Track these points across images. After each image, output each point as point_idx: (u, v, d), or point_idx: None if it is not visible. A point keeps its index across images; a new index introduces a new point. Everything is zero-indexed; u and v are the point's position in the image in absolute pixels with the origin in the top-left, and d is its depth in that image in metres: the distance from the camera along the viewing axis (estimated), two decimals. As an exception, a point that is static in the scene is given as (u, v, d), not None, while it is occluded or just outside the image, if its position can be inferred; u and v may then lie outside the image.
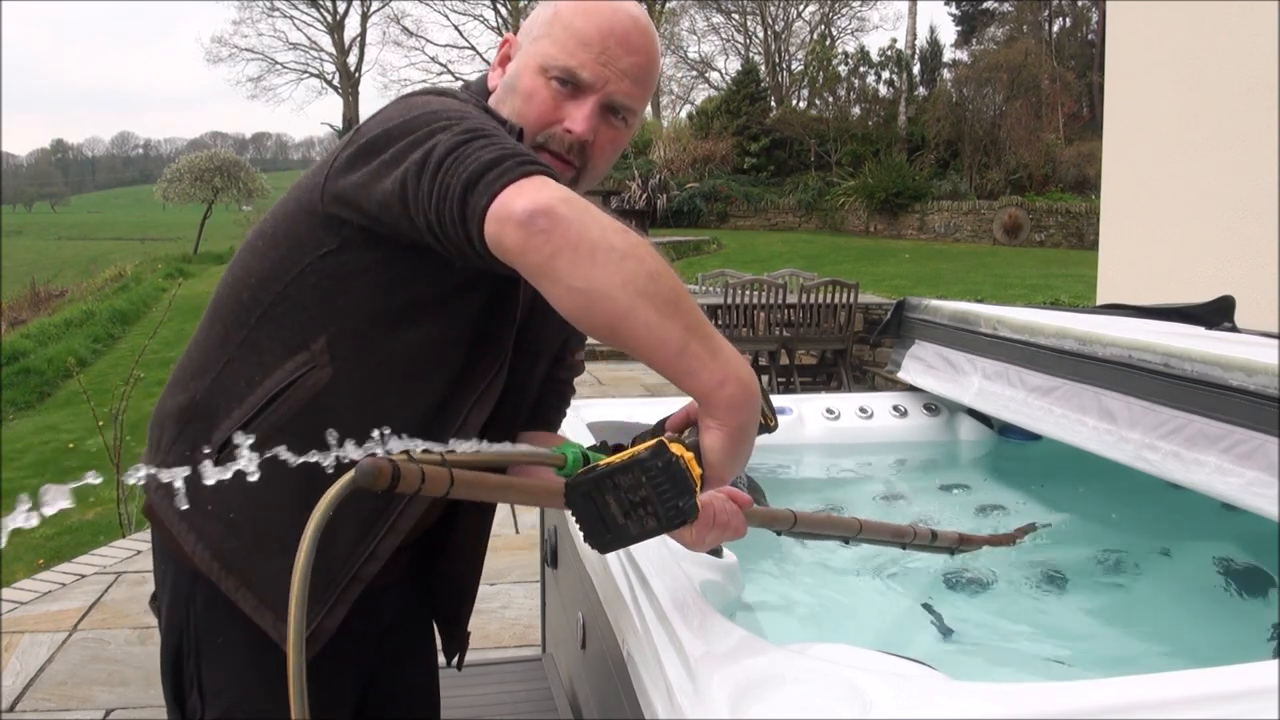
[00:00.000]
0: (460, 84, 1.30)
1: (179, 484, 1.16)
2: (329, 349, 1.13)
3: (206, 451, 1.16)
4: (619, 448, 1.11)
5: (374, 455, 0.91)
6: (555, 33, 1.19)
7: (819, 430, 2.65)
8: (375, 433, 0.94)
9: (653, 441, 0.97)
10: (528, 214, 0.93)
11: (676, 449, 0.97)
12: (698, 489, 0.97)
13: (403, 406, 1.15)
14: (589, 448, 1.11)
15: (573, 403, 1.60)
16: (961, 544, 1.84)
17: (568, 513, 1.02)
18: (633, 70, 1.20)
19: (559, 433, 1.48)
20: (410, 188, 1.01)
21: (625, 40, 1.18)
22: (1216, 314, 2.62)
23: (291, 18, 34.58)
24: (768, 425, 1.12)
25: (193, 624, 1.21)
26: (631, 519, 0.97)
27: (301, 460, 0.94)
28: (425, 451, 0.96)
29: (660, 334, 0.94)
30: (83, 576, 4.05)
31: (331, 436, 0.95)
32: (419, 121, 1.05)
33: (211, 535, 1.17)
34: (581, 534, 1.01)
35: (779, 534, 1.45)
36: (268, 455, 0.97)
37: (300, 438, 1.09)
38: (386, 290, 1.13)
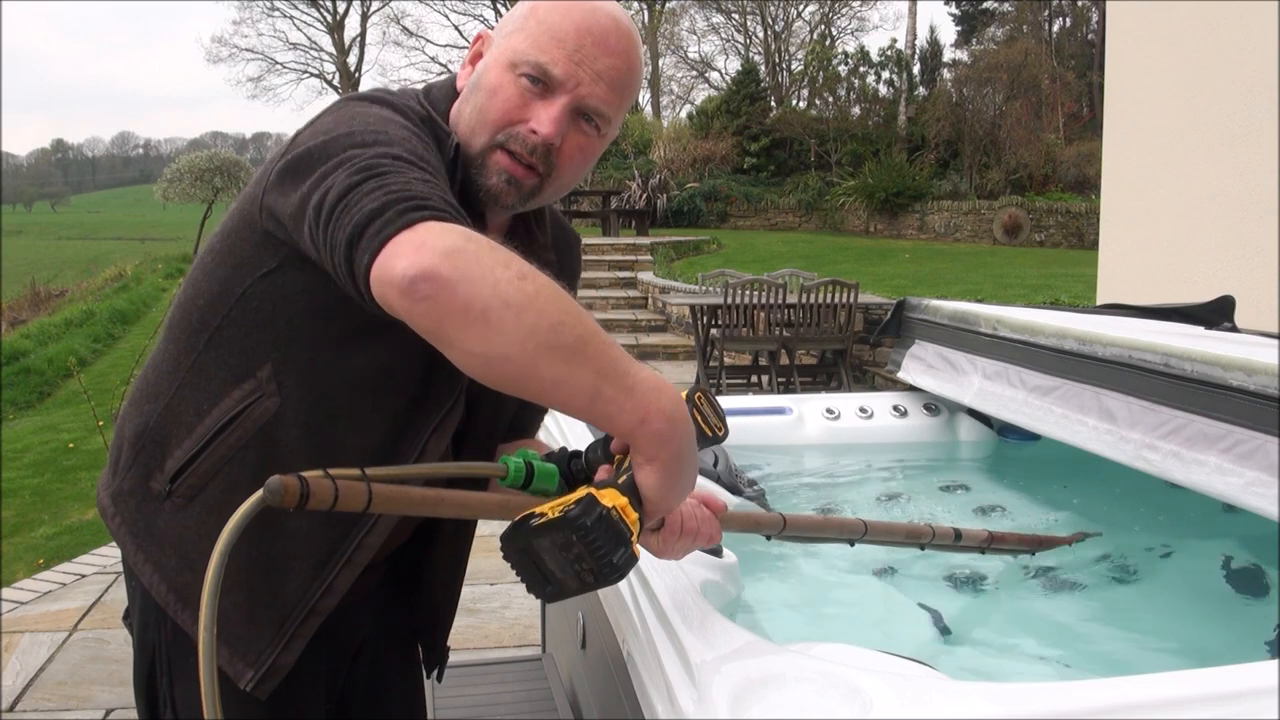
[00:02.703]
0: (423, 86, 1.24)
1: (135, 516, 1.16)
2: (275, 377, 1.09)
3: (158, 485, 1.14)
4: (576, 455, 1.08)
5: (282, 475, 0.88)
6: (529, 28, 1.12)
7: (819, 430, 2.65)
8: None
9: (582, 493, 0.94)
10: (408, 281, 0.85)
11: (608, 497, 0.93)
12: (635, 536, 0.94)
13: (355, 435, 1.10)
14: (544, 457, 1.08)
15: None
16: (991, 543, 1.75)
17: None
18: (609, 74, 1.12)
19: (538, 438, 1.44)
20: (312, 235, 0.96)
21: (603, 41, 1.11)
22: (1216, 314, 2.62)
23: (291, 18, 34.55)
24: (715, 434, 1.08)
25: (164, 643, 1.19)
26: (568, 574, 0.94)
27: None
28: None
29: (568, 386, 0.90)
30: (83, 576, 4.05)
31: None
32: (335, 145, 0.99)
33: (167, 568, 1.15)
34: (523, 584, 0.98)
35: (768, 538, 1.41)
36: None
37: (251, 468, 1.09)
38: (328, 315, 1.08)
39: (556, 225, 1.31)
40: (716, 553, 1.50)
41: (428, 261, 0.85)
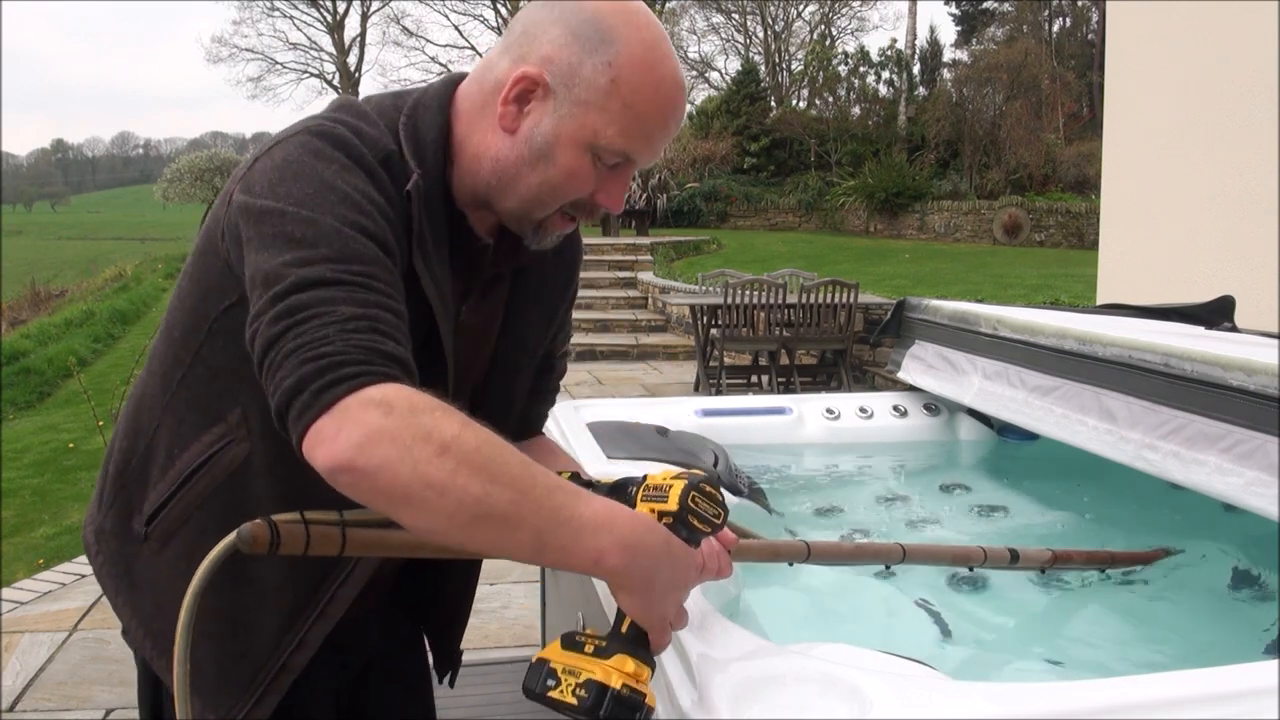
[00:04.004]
0: (413, 101, 1.13)
1: (112, 560, 1.16)
2: (244, 422, 1.07)
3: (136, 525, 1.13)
4: (589, 483, 1.05)
5: (256, 521, 0.89)
6: (613, 109, 1.04)
7: (819, 430, 2.65)
8: None
9: (593, 670, 0.93)
10: (329, 471, 0.86)
11: (616, 672, 0.93)
12: (648, 696, 0.94)
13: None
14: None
15: (573, 403, 1.58)
16: (1055, 563, 1.68)
17: None
18: (670, 140, 1.13)
19: (555, 448, 1.42)
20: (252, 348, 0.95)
21: (678, 119, 1.10)
22: (1216, 314, 2.62)
23: (291, 18, 34.55)
24: (714, 525, 1.02)
25: None
26: None
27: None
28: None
29: (508, 547, 0.89)
30: (83, 576, 4.04)
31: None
32: (269, 224, 0.96)
33: (144, 612, 1.15)
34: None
35: (790, 564, 1.38)
36: None
37: (220, 515, 1.07)
38: None
39: None
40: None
41: (342, 455, 0.84)
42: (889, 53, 23.40)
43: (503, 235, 1.17)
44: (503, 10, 32.22)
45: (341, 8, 34.49)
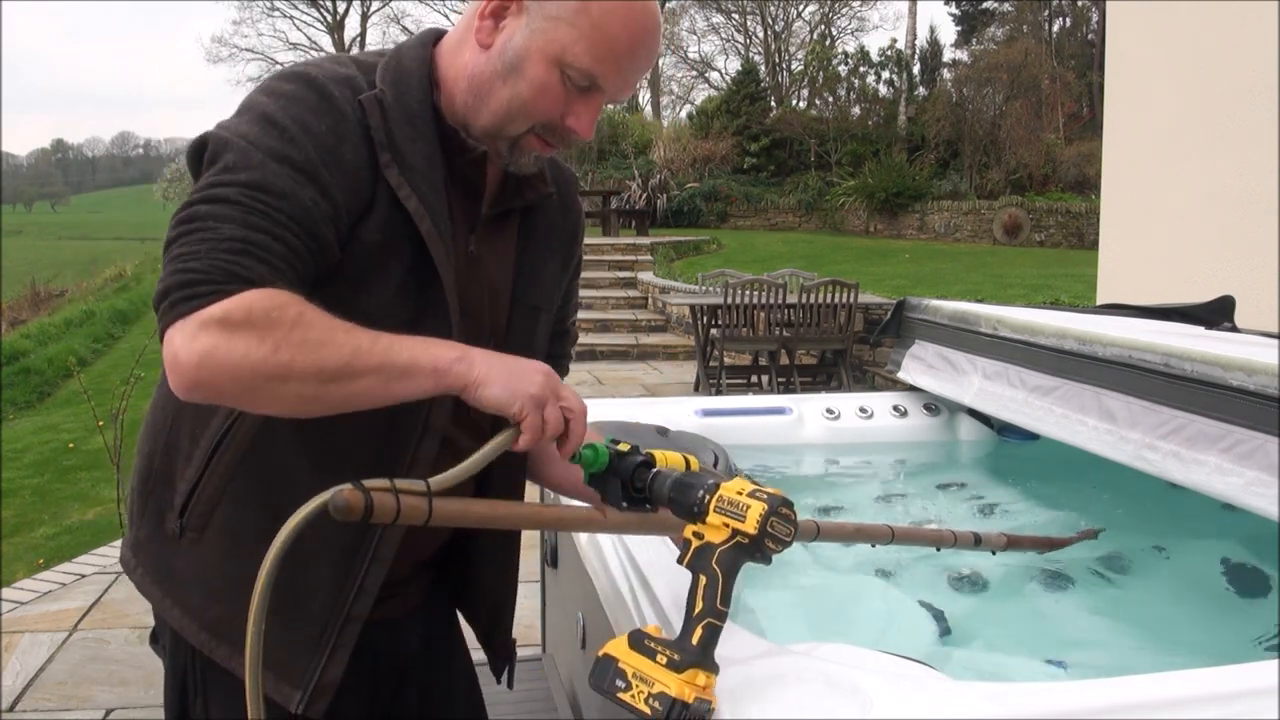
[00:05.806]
0: (395, 47, 1.18)
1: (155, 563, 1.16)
2: None
3: (172, 524, 1.13)
4: (643, 467, 1.09)
5: (348, 486, 0.91)
6: (582, 26, 1.06)
7: (819, 430, 2.65)
8: None
9: (666, 682, 0.96)
10: (185, 397, 0.97)
11: (689, 684, 0.96)
12: (713, 702, 0.97)
13: (347, 421, 1.04)
14: (611, 453, 1.10)
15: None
16: (1009, 546, 1.83)
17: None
18: (641, 75, 1.15)
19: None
20: None
21: (649, 52, 1.11)
22: (1216, 314, 2.62)
23: (291, 18, 34.57)
24: (784, 545, 1.03)
25: (199, 663, 1.17)
26: None
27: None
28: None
29: (360, 398, 0.97)
30: (83, 576, 4.05)
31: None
32: (217, 152, 1.03)
33: (194, 607, 1.14)
34: None
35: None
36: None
37: (253, 480, 1.09)
38: None
39: (549, 159, 1.28)
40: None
41: (186, 376, 0.95)
42: (889, 53, 23.38)
43: (507, 175, 1.20)
44: (503, 10, 32.17)
45: (341, 8, 34.48)
